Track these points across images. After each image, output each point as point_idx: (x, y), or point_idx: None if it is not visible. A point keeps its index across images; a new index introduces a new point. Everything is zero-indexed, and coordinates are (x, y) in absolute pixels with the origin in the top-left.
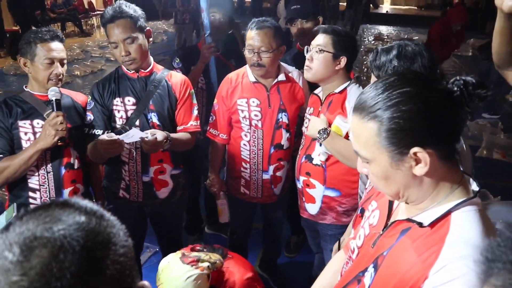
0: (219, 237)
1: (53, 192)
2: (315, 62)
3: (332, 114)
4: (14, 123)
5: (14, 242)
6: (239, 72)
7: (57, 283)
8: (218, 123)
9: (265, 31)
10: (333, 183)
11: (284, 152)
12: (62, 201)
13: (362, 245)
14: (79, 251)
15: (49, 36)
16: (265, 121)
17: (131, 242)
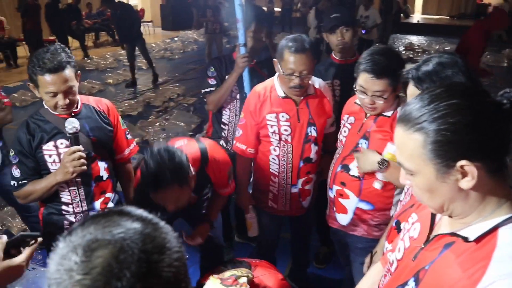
0: (248, 246)
1: (85, 205)
2: (378, 104)
3: (377, 134)
4: (38, 147)
5: (77, 245)
6: (266, 86)
7: (118, 283)
8: (246, 137)
9: (306, 54)
10: (368, 196)
11: (312, 166)
12: (119, 209)
13: (402, 258)
14: (138, 253)
15: (51, 66)
16: (294, 136)
17: (184, 249)
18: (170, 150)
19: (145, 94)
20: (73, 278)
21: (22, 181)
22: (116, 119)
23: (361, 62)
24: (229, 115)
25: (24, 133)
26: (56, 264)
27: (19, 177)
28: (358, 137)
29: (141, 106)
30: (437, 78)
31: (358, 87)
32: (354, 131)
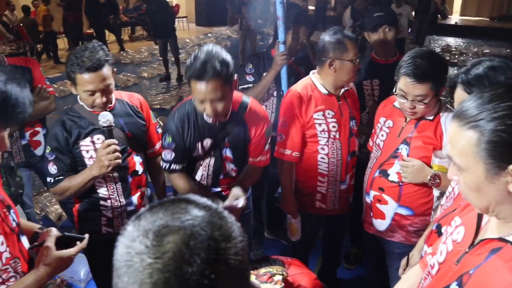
0: (279, 242)
1: (122, 199)
2: (419, 109)
3: (418, 140)
4: (76, 143)
5: (148, 229)
6: (306, 85)
7: (188, 268)
8: (291, 141)
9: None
10: (408, 201)
11: (355, 159)
12: (185, 197)
13: (444, 261)
14: (207, 240)
15: (90, 65)
16: (341, 131)
17: (247, 239)
18: (221, 48)
19: (181, 88)
20: (145, 261)
21: (58, 177)
22: (147, 113)
23: (402, 66)
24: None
25: (60, 130)
26: (125, 246)
27: (55, 173)
28: (398, 142)
29: (174, 100)
30: (488, 83)
31: (398, 91)
32: (393, 135)
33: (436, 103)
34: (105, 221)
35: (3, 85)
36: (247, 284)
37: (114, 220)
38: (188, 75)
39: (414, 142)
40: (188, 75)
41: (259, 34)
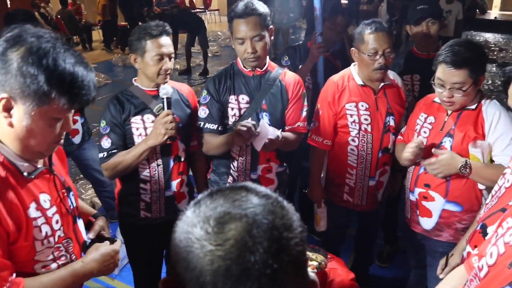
0: (311, 238)
1: (162, 183)
2: (456, 98)
3: (462, 131)
4: (127, 119)
5: (209, 216)
6: (343, 75)
7: (251, 257)
8: (323, 129)
9: (387, 33)
10: (456, 196)
11: (389, 157)
12: (244, 185)
13: (494, 264)
14: (270, 229)
15: (158, 31)
16: (374, 125)
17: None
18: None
19: None
20: (205, 248)
21: (112, 150)
22: (195, 104)
23: (440, 54)
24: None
25: (114, 104)
26: (185, 232)
27: (109, 147)
28: (441, 136)
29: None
30: None
31: (436, 80)
32: (436, 130)
33: (477, 94)
34: (144, 205)
35: (72, 67)
36: (305, 275)
37: (152, 204)
38: (230, 17)
39: (457, 134)
40: (231, 16)
41: (291, 27)
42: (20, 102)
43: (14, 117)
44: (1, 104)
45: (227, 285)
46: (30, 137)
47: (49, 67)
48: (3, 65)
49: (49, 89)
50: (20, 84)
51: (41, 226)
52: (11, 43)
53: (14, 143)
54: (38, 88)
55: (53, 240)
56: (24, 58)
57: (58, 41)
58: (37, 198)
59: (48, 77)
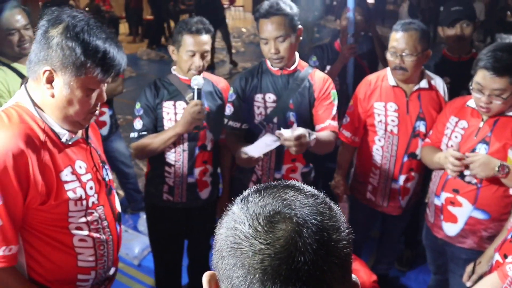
0: None
1: (185, 169)
2: (495, 104)
3: (498, 138)
4: (160, 103)
5: (258, 214)
6: (379, 75)
7: (300, 257)
8: (352, 124)
9: (410, 33)
10: (485, 204)
11: (417, 163)
12: (292, 183)
13: None
14: (320, 230)
15: (196, 28)
16: (401, 128)
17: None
18: None
19: (234, 77)
20: (255, 246)
21: (143, 132)
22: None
23: (481, 59)
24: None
25: (150, 88)
26: (232, 228)
27: (140, 128)
28: (475, 142)
29: None
30: None
31: (475, 85)
32: (469, 136)
33: None
34: (167, 189)
35: (104, 41)
36: (350, 278)
37: (175, 188)
38: (256, 16)
39: (493, 141)
40: (256, 16)
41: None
42: (61, 73)
43: (55, 89)
44: (45, 77)
45: (276, 284)
46: (70, 106)
47: (84, 41)
48: (45, 41)
49: (85, 59)
50: (60, 57)
51: (75, 188)
52: (51, 22)
53: (56, 113)
54: (76, 59)
55: (86, 203)
56: (63, 34)
57: (91, 19)
58: (73, 163)
59: (84, 49)
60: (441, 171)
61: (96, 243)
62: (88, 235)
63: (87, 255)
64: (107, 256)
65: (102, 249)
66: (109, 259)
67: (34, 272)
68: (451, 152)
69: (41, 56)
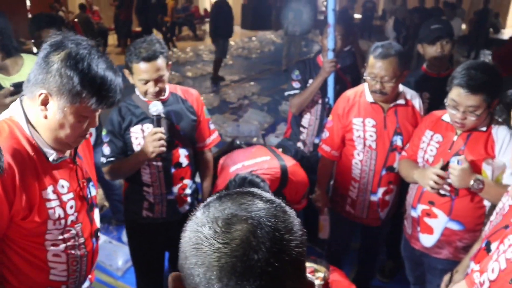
0: (312, 249)
1: (163, 188)
2: (469, 120)
3: (471, 152)
4: (127, 130)
5: (217, 217)
6: (357, 90)
7: (254, 255)
8: (332, 140)
9: (389, 60)
10: (460, 215)
11: (395, 175)
12: (250, 190)
13: (496, 280)
14: (272, 231)
15: (146, 55)
16: (379, 143)
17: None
18: None
19: (222, 90)
20: (213, 246)
21: (110, 158)
22: (200, 108)
23: (456, 76)
24: (309, 118)
25: (116, 115)
26: (194, 230)
27: (108, 154)
28: (450, 155)
29: (217, 101)
30: None
31: (450, 101)
32: (444, 149)
33: (487, 116)
34: (147, 205)
35: (103, 71)
36: (304, 276)
37: (155, 206)
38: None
39: (467, 154)
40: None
41: (304, 40)
42: (56, 98)
43: (49, 111)
44: (40, 99)
45: (232, 280)
46: (61, 130)
47: (83, 71)
48: (45, 66)
49: (81, 89)
50: (58, 83)
51: (55, 207)
52: (54, 48)
53: (47, 133)
54: (72, 88)
55: (65, 222)
56: (64, 61)
57: (94, 48)
58: (56, 182)
59: (82, 79)
60: (417, 184)
61: (70, 258)
62: (63, 251)
63: (59, 269)
64: (80, 272)
65: (75, 264)
66: (81, 274)
67: (6, 282)
68: (435, 170)
69: (39, 79)
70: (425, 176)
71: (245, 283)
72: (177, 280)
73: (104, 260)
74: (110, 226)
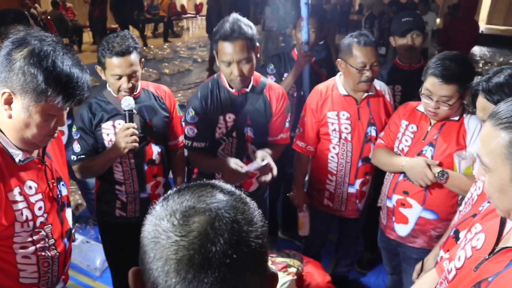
0: (292, 243)
1: (136, 186)
2: (442, 110)
3: (444, 141)
4: (98, 126)
5: (175, 209)
6: (328, 84)
7: (212, 247)
8: (306, 135)
9: (374, 47)
10: (433, 204)
11: (371, 166)
12: (211, 182)
13: (462, 267)
14: (231, 222)
15: (120, 50)
16: (354, 134)
17: (267, 225)
18: None
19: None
20: (171, 239)
21: (81, 155)
22: (173, 106)
23: (430, 66)
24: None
25: (86, 111)
26: (153, 224)
27: (78, 152)
28: (423, 145)
29: None
30: (509, 91)
31: (424, 90)
32: (418, 139)
33: (460, 106)
34: (119, 204)
35: (69, 68)
36: (265, 267)
37: (128, 205)
38: (216, 38)
39: (439, 144)
40: (216, 38)
41: (281, 35)
42: (20, 97)
43: (13, 110)
44: (3, 98)
45: (189, 273)
46: (26, 129)
47: (47, 68)
48: (7, 63)
49: (46, 87)
50: (21, 81)
51: (22, 209)
52: (16, 45)
53: (12, 133)
54: (37, 86)
55: (34, 224)
56: (27, 58)
57: (59, 44)
58: (23, 184)
59: (46, 77)
60: (392, 174)
61: (40, 260)
62: (33, 253)
63: (29, 272)
64: (52, 273)
65: (47, 266)
66: (53, 275)
67: None
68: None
69: (1, 77)
70: (420, 172)
71: (203, 275)
72: (137, 275)
73: (81, 260)
74: (87, 226)
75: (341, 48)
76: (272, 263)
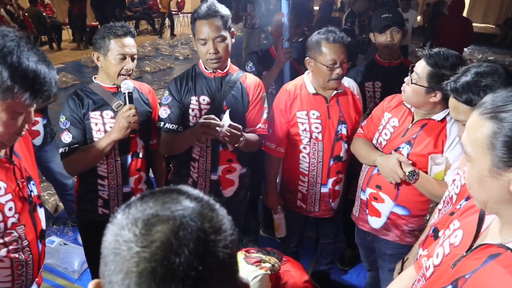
0: (273, 241)
1: (120, 179)
2: (407, 89)
3: (421, 142)
4: (86, 114)
5: (137, 218)
6: (296, 84)
7: (176, 258)
8: (276, 136)
9: (344, 43)
10: (405, 201)
11: (342, 165)
12: (177, 188)
13: (439, 264)
14: (196, 231)
15: (123, 32)
16: (325, 134)
17: (237, 233)
18: None
19: None
20: (132, 250)
21: (74, 145)
22: (155, 103)
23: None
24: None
25: (73, 99)
26: (114, 234)
27: (70, 141)
28: (401, 141)
29: None
30: (476, 89)
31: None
32: (398, 135)
33: (444, 107)
34: (102, 202)
35: (35, 64)
36: (235, 278)
37: (110, 201)
38: (193, 18)
39: (417, 143)
40: (193, 18)
41: (263, 32)
42: None
43: None
44: None
45: (151, 287)
46: None
47: (12, 64)
48: None
49: (12, 84)
50: None
51: None
52: None
53: None
54: (2, 83)
55: (4, 225)
56: None
57: (22, 40)
58: None
59: (12, 73)
60: (367, 167)
61: (14, 263)
62: (6, 256)
63: (3, 275)
64: (26, 276)
65: (21, 269)
66: (27, 278)
67: None
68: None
69: None
70: (391, 170)
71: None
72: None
73: (59, 263)
74: (65, 228)
75: (308, 46)
76: (245, 257)
